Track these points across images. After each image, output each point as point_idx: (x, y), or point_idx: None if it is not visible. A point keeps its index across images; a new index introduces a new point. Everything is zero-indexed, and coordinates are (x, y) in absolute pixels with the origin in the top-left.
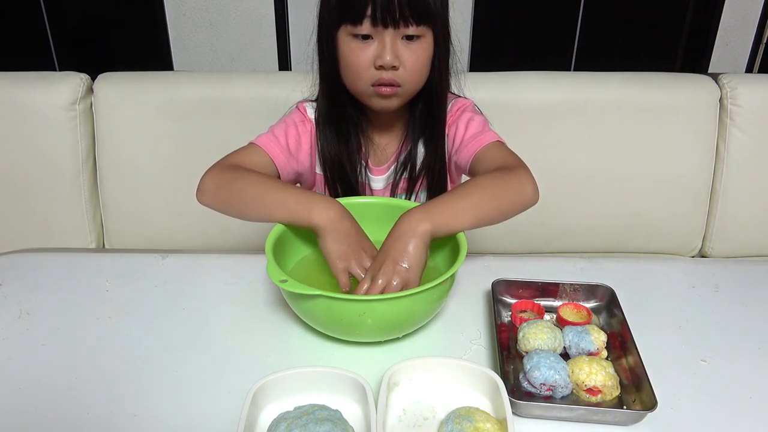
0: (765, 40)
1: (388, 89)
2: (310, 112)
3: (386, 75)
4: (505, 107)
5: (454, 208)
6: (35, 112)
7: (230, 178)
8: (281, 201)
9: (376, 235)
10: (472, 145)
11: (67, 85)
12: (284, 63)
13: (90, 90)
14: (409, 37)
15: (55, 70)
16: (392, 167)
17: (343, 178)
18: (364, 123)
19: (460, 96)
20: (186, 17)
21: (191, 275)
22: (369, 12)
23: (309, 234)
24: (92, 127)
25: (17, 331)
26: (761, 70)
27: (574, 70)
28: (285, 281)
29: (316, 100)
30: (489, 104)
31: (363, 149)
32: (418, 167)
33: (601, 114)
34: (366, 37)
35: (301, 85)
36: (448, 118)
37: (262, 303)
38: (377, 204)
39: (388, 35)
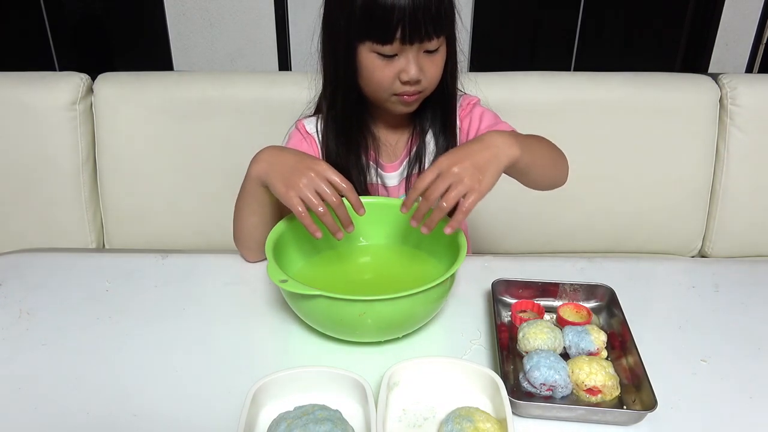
0: (765, 40)
1: (412, 97)
2: (311, 127)
3: (411, 88)
4: (505, 107)
5: (535, 148)
6: (35, 112)
7: (234, 224)
8: (240, 197)
9: (378, 237)
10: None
11: (67, 85)
12: (284, 63)
13: (90, 90)
14: (429, 50)
15: (55, 70)
16: (405, 161)
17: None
18: (371, 124)
19: (465, 93)
20: (186, 17)
21: (191, 275)
22: (399, 34)
23: (309, 235)
24: (92, 127)
25: (17, 331)
26: (761, 70)
27: (574, 70)
28: (285, 281)
29: (314, 114)
30: (489, 104)
31: (371, 151)
32: (429, 159)
33: (601, 114)
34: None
35: (300, 85)
36: (459, 112)
37: (262, 303)
38: (374, 204)
39: (413, 51)
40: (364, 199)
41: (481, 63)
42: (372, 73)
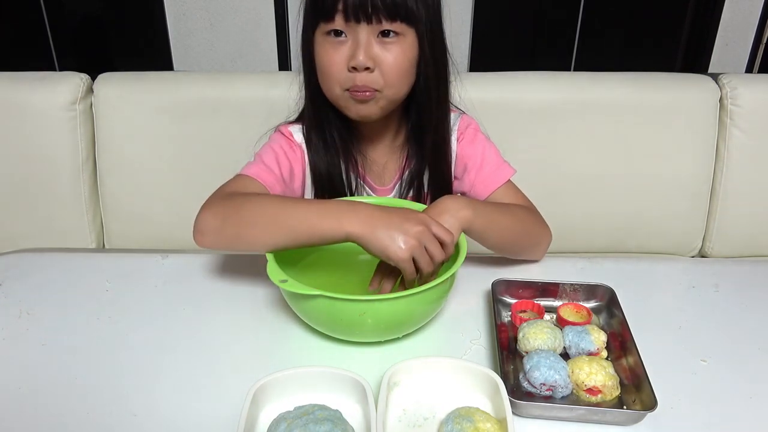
0: (765, 40)
1: (365, 93)
2: (298, 136)
3: (360, 79)
4: (505, 107)
5: (494, 215)
6: (35, 112)
7: (236, 206)
8: (304, 218)
9: None
10: (491, 181)
11: (67, 85)
12: (284, 63)
13: (90, 90)
14: (386, 34)
15: (55, 70)
16: (397, 185)
17: (335, 196)
18: (354, 137)
19: (463, 112)
20: (186, 17)
21: (191, 275)
22: (341, 6)
23: None
24: (92, 127)
25: (17, 331)
26: (761, 70)
27: (574, 70)
28: (285, 281)
29: (297, 120)
30: (489, 104)
31: (359, 167)
32: (425, 184)
33: (601, 114)
34: (339, 34)
35: (301, 86)
36: (457, 135)
37: (262, 303)
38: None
39: (363, 32)
40: (363, 199)
41: (481, 63)
42: (322, 60)
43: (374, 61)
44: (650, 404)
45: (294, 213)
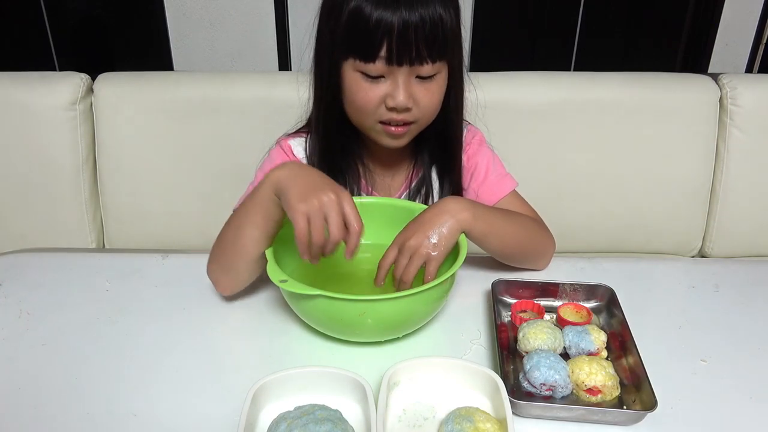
0: (765, 40)
1: (400, 129)
2: (298, 149)
3: (398, 116)
4: (505, 107)
5: (495, 219)
6: (35, 112)
7: (216, 243)
8: (245, 206)
9: (380, 237)
10: (496, 189)
11: (67, 85)
12: (284, 63)
13: (90, 90)
14: (423, 77)
15: (55, 70)
16: (404, 195)
17: None
18: (364, 154)
19: (470, 123)
20: (186, 17)
21: (191, 275)
22: (383, 52)
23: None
24: (92, 127)
25: (17, 331)
26: (761, 70)
27: (574, 70)
28: (285, 281)
29: (301, 131)
30: (489, 104)
31: (363, 182)
32: (434, 194)
33: (601, 114)
34: (377, 78)
35: (301, 86)
36: (465, 147)
37: (262, 303)
38: (381, 204)
39: (402, 74)
40: (364, 199)
41: (481, 63)
42: (355, 95)
43: (413, 100)
44: (650, 404)
45: (244, 205)
